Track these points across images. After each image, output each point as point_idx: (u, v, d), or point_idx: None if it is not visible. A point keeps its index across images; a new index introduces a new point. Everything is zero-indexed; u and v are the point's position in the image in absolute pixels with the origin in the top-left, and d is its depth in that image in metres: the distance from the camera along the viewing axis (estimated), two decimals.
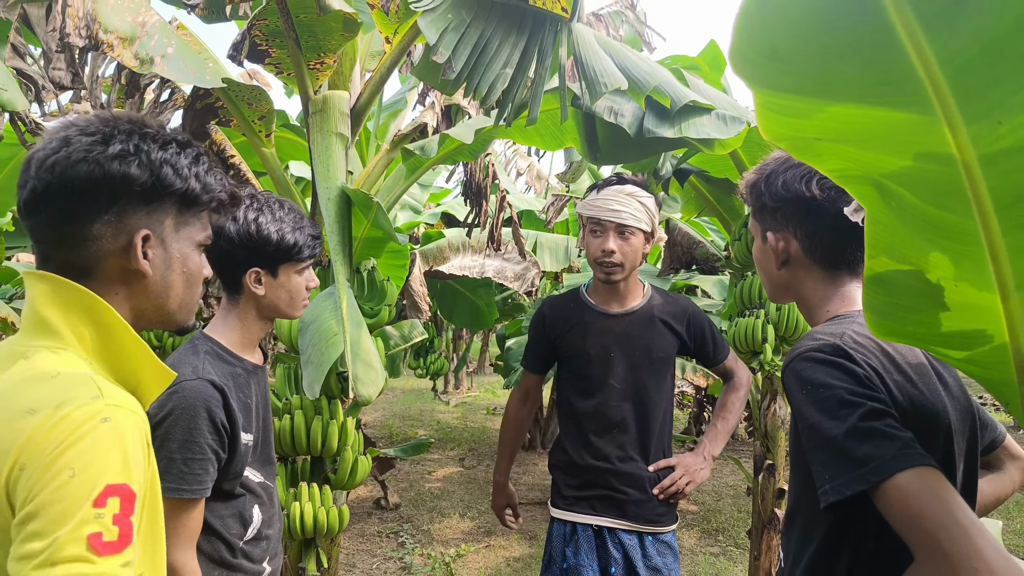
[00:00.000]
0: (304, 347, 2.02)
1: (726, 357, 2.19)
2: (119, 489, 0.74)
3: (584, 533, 2.03)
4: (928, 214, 0.80)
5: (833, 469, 0.90)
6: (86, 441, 0.73)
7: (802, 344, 1.03)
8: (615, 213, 1.99)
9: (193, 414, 1.37)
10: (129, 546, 0.73)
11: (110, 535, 0.71)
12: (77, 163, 0.84)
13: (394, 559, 4.38)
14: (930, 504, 0.81)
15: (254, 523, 1.54)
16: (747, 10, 0.56)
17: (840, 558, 1.03)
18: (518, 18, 2.02)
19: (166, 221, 0.91)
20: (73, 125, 0.87)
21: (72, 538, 0.69)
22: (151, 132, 0.90)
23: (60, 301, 0.85)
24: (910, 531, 0.83)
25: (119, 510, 0.73)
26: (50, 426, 0.74)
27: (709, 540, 4.86)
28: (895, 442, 0.87)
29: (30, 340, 0.85)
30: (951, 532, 0.80)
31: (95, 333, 0.86)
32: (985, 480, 1.22)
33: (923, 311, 0.95)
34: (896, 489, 0.84)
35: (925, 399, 1.01)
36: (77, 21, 2.06)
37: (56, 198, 0.84)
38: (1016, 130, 0.57)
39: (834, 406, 0.93)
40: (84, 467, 0.72)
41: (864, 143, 0.69)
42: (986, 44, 0.51)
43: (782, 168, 1.13)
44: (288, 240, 1.53)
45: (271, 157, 2.49)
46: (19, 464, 0.73)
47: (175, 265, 0.93)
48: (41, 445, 0.73)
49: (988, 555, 0.77)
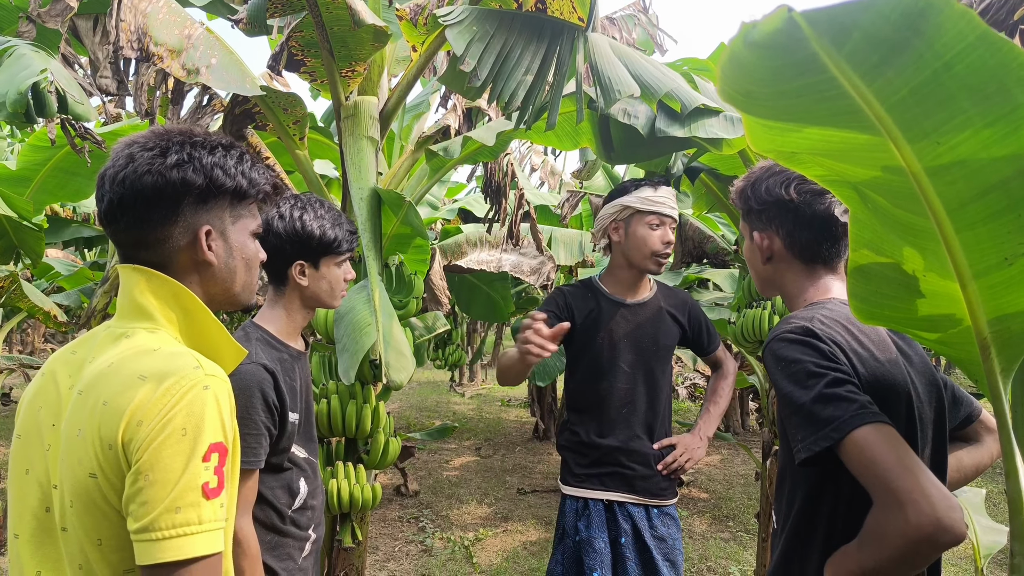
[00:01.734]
0: (340, 336, 2.18)
1: (717, 347, 2.40)
2: (219, 446, 0.89)
3: (595, 507, 2.19)
4: (896, 215, 0.94)
5: (804, 431, 1.05)
6: (193, 405, 0.88)
7: (778, 328, 1.19)
8: (673, 210, 2.22)
9: (249, 394, 1.53)
10: (224, 491, 0.90)
11: (214, 483, 0.87)
12: (143, 175, 0.97)
13: (415, 542, 4.55)
14: (881, 452, 0.96)
15: (301, 494, 1.70)
16: (724, 65, 0.72)
17: (820, 512, 1.18)
18: (538, 28, 2.16)
19: (223, 216, 1.05)
20: (135, 143, 1.01)
21: (190, 486, 0.85)
22: (200, 140, 1.04)
23: (152, 289, 1.00)
24: (866, 477, 0.98)
25: (218, 463, 0.89)
26: (162, 391, 0.88)
27: (719, 526, 5.00)
28: (853, 404, 1.02)
29: (128, 323, 1.00)
30: (897, 472, 0.94)
31: (182, 316, 1.01)
32: (965, 451, 1.36)
33: (900, 299, 1.09)
34: (854, 443, 0.99)
35: (885, 370, 1.15)
36: (130, 35, 2.23)
37: (129, 207, 0.98)
38: (953, 149, 0.72)
39: (803, 377, 1.08)
40: (194, 428, 0.87)
41: (835, 156, 0.84)
42: (913, 88, 0.66)
43: (765, 176, 1.29)
44: (329, 235, 1.70)
45: (304, 159, 2.65)
46: (135, 420, 0.87)
47: (235, 253, 1.07)
48: (155, 407, 0.87)
49: (927, 488, 0.92)
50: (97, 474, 0.88)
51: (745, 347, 3.47)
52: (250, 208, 1.10)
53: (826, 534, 1.17)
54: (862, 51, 0.64)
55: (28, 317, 4.74)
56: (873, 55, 0.64)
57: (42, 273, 6.10)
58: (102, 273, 5.52)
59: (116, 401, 0.89)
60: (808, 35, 0.64)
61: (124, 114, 3.68)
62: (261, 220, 1.14)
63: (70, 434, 0.91)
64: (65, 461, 0.91)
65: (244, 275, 1.09)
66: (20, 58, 2.08)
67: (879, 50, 0.63)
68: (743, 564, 4.25)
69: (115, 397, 0.89)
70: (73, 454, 0.90)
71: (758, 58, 0.68)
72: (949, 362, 1.20)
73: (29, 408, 1.00)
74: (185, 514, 0.84)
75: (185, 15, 2.32)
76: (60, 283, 5.80)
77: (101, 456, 0.88)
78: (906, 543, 0.93)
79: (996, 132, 0.70)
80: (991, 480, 5.87)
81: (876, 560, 0.98)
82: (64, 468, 0.91)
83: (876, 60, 0.64)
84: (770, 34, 0.65)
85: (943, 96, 0.66)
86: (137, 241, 1.00)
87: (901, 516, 0.92)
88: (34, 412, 0.99)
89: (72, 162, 4.34)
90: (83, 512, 0.89)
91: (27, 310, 4.47)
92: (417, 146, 2.87)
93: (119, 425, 0.87)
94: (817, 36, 0.63)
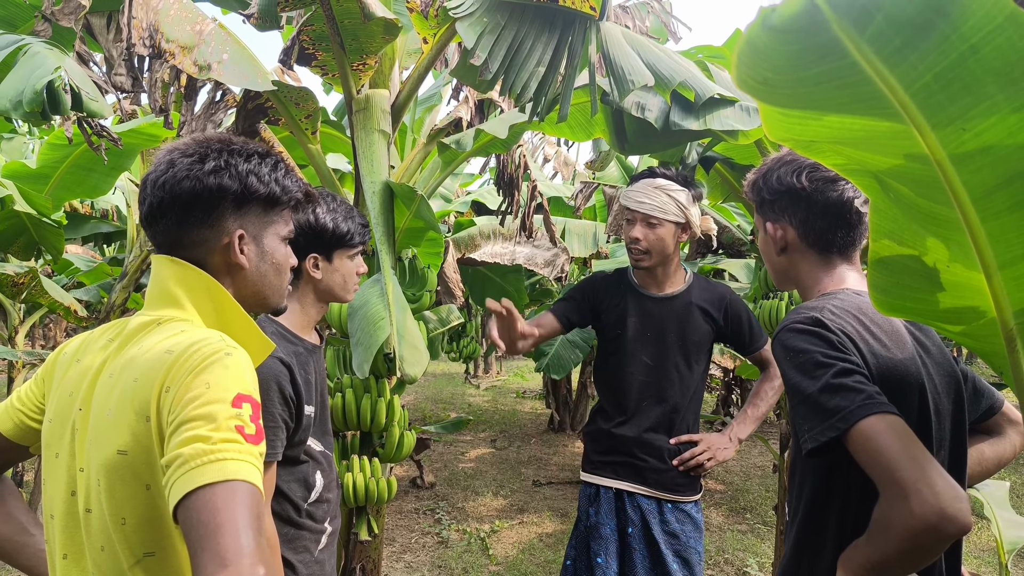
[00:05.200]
0: (354, 330, 2.19)
1: (763, 346, 2.28)
2: (248, 398, 0.88)
3: (605, 495, 2.20)
4: (919, 204, 0.91)
5: (811, 421, 1.03)
6: (216, 365, 0.89)
7: (788, 318, 1.17)
8: (640, 204, 2.14)
9: (266, 387, 1.54)
10: (263, 441, 0.88)
11: (250, 429, 0.85)
12: (182, 180, 1.01)
13: (432, 534, 4.58)
14: (888, 442, 0.94)
15: (317, 487, 1.71)
16: (740, 52, 0.70)
17: (831, 503, 1.16)
18: (549, 18, 2.14)
19: (256, 220, 1.08)
20: (176, 149, 1.05)
21: (224, 427, 0.83)
22: (237, 147, 1.07)
23: (186, 281, 1.02)
24: (873, 468, 0.96)
25: (252, 412, 0.87)
26: (186, 356, 0.89)
27: (737, 518, 4.98)
28: (860, 394, 1.00)
29: (160, 310, 1.02)
30: (902, 462, 0.92)
31: (212, 308, 1.04)
32: (987, 444, 1.33)
33: (922, 290, 1.06)
34: (860, 433, 0.97)
35: (897, 361, 1.13)
36: (141, 32, 2.24)
37: (168, 210, 1.02)
38: (979, 135, 0.69)
39: (811, 367, 1.06)
40: (217, 380, 0.87)
41: (856, 145, 0.81)
42: (938, 72, 0.63)
43: (777, 165, 1.27)
44: (341, 228, 1.71)
45: (317, 153, 2.65)
46: (164, 387, 0.88)
47: (266, 257, 1.10)
48: (181, 370, 0.88)
49: (932, 478, 0.90)
50: (128, 450, 0.89)
51: None
52: (282, 214, 1.13)
53: (837, 526, 1.15)
54: (885, 34, 0.62)
55: (49, 312, 4.81)
56: (896, 38, 0.62)
57: (62, 269, 6.18)
58: (120, 268, 5.58)
59: (147, 376, 0.90)
60: (829, 18, 0.62)
61: (139, 110, 3.70)
62: (292, 226, 1.16)
63: (99, 415, 0.93)
64: (94, 442, 0.92)
65: (274, 278, 1.12)
66: (35, 56, 2.09)
67: (902, 33, 0.61)
68: (761, 556, 4.22)
69: (145, 373, 0.91)
70: (102, 434, 0.91)
71: (777, 43, 0.66)
72: (971, 352, 1.17)
73: (59, 393, 1.02)
74: (221, 446, 0.81)
75: (196, 11, 2.32)
76: (80, 278, 5.87)
77: (137, 428, 0.88)
78: (910, 533, 0.91)
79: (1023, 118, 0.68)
80: (1015, 472, 5.78)
81: (883, 552, 0.97)
82: (92, 449, 0.92)
83: (899, 43, 0.62)
84: (790, 18, 0.63)
85: (969, 80, 0.63)
86: (175, 242, 1.04)
87: (906, 506, 0.91)
88: (64, 396, 1.01)
89: (90, 159, 4.38)
90: (109, 491, 0.90)
91: (48, 305, 4.54)
92: (429, 139, 2.86)
93: (151, 396, 0.89)
94: (838, 19, 0.61)
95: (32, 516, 1.15)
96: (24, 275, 4.18)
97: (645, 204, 2.14)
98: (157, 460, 0.88)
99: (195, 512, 0.77)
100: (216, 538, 0.74)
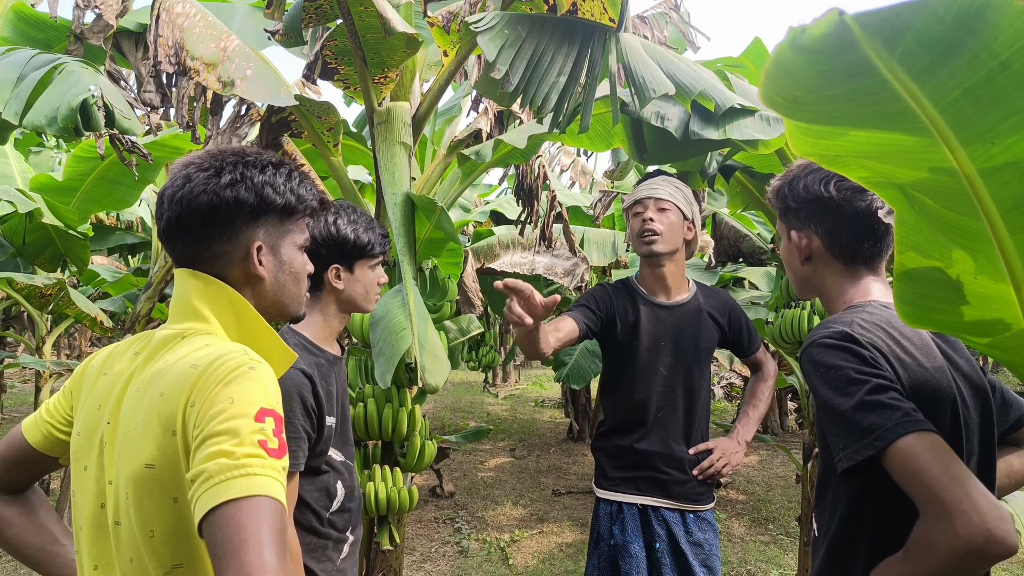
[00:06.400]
0: (375, 340, 2.21)
1: (758, 349, 2.35)
2: (271, 412, 0.89)
3: (630, 512, 2.16)
4: (946, 217, 0.91)
5: (845, 439, 1.02)
6: (239, 380, 0.90)
7: (816, 332, 1.15)
8: (651, 190, 2.20)
9: (288, 398, 1.56)
10: (287, 455, 0.89)
11: (273, 443, 0.86)
12: (199, 195, 1.02)
13: (451, 543, 4.58)
14: (927, 461, 0.93)
15: (338, 496, 1.73)
16: (769, 71, 0.70)
17: (864, 521, 1.14)
18: (569, 30, 2.15)
19: (272, 231, 1.09)
20: (191, 163, 1.06)
21: (247, 442, 0.84)
22: (251, 159, 1.08)
23: (209, 294, 1.04)
24: (912, 488, 0.95)
25: (275, 427, 0.88)
26: (211, 371, 0.91)
27: (759, 529, 4.92)
28: (897, 411, 0.98)
29: (184, 323, 1.03)
30: (944, 482, 0.91)
31: (234, 321, 1.05)
32: (1015, 456, 1.31)
33: (949, 302, 1.05)
34: (899, 452, 0.95)
35: (929, 375, 1.11)
36: (167, 50, 2.29)
37: (186, 225, 1.03)
38: (1008, 149, 0.69)
39: (843, 384, 1.04)
40: (240, 395, 0.88)
41: (882, 159, 0.81)
42: (967, 89, 0.63)
43: (804, 173, 1.26)
44: (363, 239, 1.74)
45: (339, 165, 2.69)
46: (189, 401, 0.90)
47: (284, 267, 1.11)
48: (205, 384, 0.90)
49: (976, 498, 0.88)
50: (155, 463, 0.90)
51: (783, 347, 3.40)
52: (298, 223, 1.14)
53: (869, 544, 1.14)
54: (915, 52, 0.62)
55: (75, 323, 4.90)
56: (926, 56, 0.62)
57: (88, 280, 6.29)
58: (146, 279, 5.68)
59: (172, 390, 0.92)
60: (859, 38, 0.62)
61: (164, 124, 3.77)
62: (308, 234, 1.17)
63: (127, 428, 0.94)
64: (122, 456, 0.94)
65: (293, 287, 1.13)
66: (70, 75, 2.15)
67: (932, 51, 0.62)
68: (784, 568, 4.17)
69: (171, 387, 0.92)
70: (130, 447, 0.92)
71: (806, 63, 0.67)
72: (996, 362, 1.16)
73: (87, 405, 1.03)
74: (245, 461, 0.82)
75: (221, 28, 2.37)
76: (105, 289, 5.98)
77: (163, 442, 0.90)
78: (955, 555, 0.89)
79: None
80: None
81: (923, 572, 0.95)
82: (121, 462, 0.93)
83: (929, 61, 0.62)
84: (820, 38, 0.64)
85: (999, 95, 0.63)
86: (194, 256, 1.05)
87: (950, 528, 0.89)
88: (92, 410, 1.02)
89: (116, 172, 4.47)
90: (137, 504, 0.91)
91: (74, 316, 4.63)
92: (449, 150, 2.89)
93: (177, 410, 0.90)
94: (868, 39, 0.62)
95: (62, 526, 1.17)
96: (52, 286, 4.26)
97: (655, 190, 2.19)
98: (184, 474, 0.89)
99: (219, 528, 0.78)
100: (240, 554, 0.76)
